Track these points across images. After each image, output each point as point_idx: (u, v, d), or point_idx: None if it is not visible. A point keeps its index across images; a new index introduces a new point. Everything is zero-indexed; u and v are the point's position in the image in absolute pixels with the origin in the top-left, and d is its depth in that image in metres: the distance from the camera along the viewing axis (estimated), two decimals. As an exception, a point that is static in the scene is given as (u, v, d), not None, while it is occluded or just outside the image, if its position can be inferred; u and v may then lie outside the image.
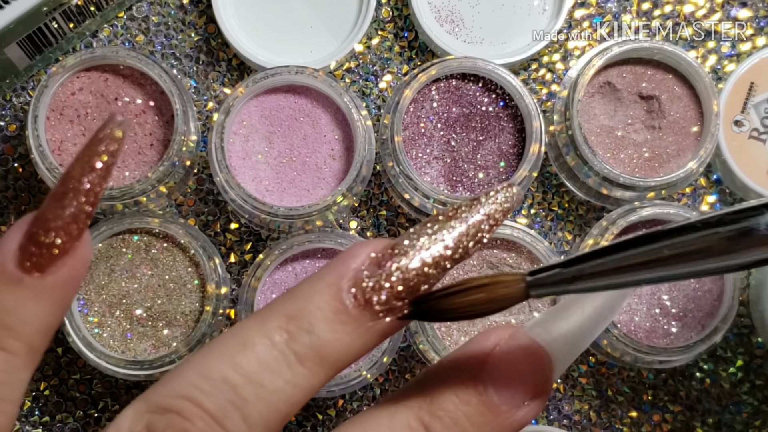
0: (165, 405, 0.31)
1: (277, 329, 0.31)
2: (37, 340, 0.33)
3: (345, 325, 0.32)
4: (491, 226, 0.33)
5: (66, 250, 0.32)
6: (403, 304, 0.32)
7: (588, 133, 0.54)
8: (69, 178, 0.32)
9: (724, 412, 0.56)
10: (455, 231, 0.32)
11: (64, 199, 0.32)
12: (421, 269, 0.32)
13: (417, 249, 0.32)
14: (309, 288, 0.32)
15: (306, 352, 0.31)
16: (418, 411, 0.32)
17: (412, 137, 0.53)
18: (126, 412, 0.31)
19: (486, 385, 0.32)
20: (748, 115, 0.56)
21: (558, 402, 0.56)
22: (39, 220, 0.32)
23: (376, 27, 0.57)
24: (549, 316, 0.34)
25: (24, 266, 0.32)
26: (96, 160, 0.32)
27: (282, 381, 0.31)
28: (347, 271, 0.32)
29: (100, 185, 0.32)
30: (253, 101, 0.53)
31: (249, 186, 0.52)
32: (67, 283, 0.33)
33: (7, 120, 0.56)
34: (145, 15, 0.57)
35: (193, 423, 0.30)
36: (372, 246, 0.33)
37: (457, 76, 0.54)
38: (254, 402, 0.31)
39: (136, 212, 0.53)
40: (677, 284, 0.53)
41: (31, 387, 0.55)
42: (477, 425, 0.32)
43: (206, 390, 0.31)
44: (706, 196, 0.57)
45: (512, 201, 0.33)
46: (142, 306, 0.52)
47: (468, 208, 0.33)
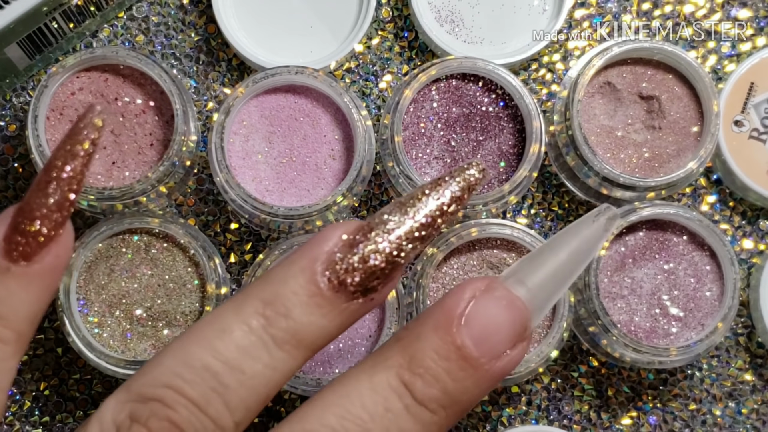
0: (147, 394, 0.31)
1: (254, 314, 0.32)
2: (26, 327, 0.33)
3: (320, 307, 0.32)
4: (458, 203, 0.33)
5: (50, 238, 0.33)
6: (377, 283, 0.33)
7: (588, 133, 0.54)
8: (51, 167, 0.33)
9: (724, 412, 0.56)
10: (425, 210, 0.33)
11: (47, 188, 0.33)
12: (393, 249, 0.32)
13: (388, 229, 0.33)
14: (283, 273, 0.33)
15: (283, 336, 0.32)
16: (398, 370, 0.32)
17: (412, 137, 0.53)
18: (108, 403, 0.32)
19: (464, 339, 0.32)
20: (748, 115, 0.56)
21: (558, 402, 0.56)
22: (23, 210, 0.33)
23: (376, 27, 0.57)
24: (523, 264, 0.35)
25: (11, 256, 0.33)
26: (78, 148, 0.33)
27: (261, 365, 0.32)
28: (320, 255, 0.33)
29: (82, 173, 0.33)
30: (253, 101, 0.53)
31: (249, 186, 0.52)
32: (52, 270, 0.33)
33: (7, 120, 0.56)
34: (145, 15, 0.57)
35: (176, 411, 0.31)
36: (343, 228, 0.33)
37: (457, 76, 0.54)
38: (235, 388, 0.31)
39: (136, 212, 0.53)
40: (677, 284, 0.53)
41: (31, 387, 0.55)
42: (458, 380, 0.32)
43: (188, 378, 0.31)
44: (706, 196, 0.57)
45: (478, 178, 0.34)
46: (142, 306, 0.52)
47: (436, 186, 0.33)
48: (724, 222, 0.57)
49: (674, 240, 0.53)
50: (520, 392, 0.56)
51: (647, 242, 0.53)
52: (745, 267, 0.57)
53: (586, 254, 0.35)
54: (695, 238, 0.53)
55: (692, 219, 0.52)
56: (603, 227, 0.35)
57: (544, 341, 0.52)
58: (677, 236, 0.53)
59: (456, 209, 0.33)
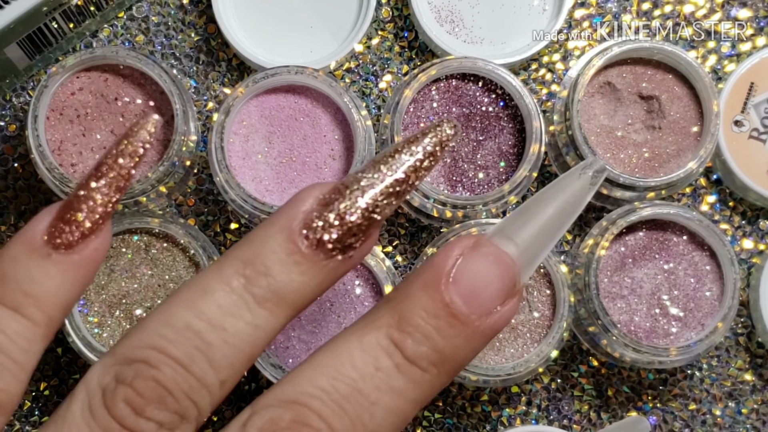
0: (132, 356, 0.32)
1: (235, 275, 0.32)
2: (57, 314, 0.34)
3: (299, 265, 0.33)
4: (432, 159, 0.34)
5: (92, 231, 0.34)
6: (355, 239, 0.33)
7: (588, 133, 0.54)
8: (102, 164, 0.34)
9: (724, 412, 0.56)
10: (399, 167, 0.33)
11: (97, 183, 0.34)
12: (369, 205, 0.33)
13: (363, 186, 0.33)
14: (262, 233, 0.33)
15: (264, 294, 0.32)
16: (387, 329, 0.33)
17: (412, 137, 0.53)
18: (94, 368, 0.33)
19: (452, 297, 0.33)
20: (748, 115, 0.56)
21: (558, 402, 0.56)
22: (71, 202, 0.34)
23: (376, 27, 0.57)
24: (510, 220, 0.35)
25: (54, 242, 0.34)
26: (131, 148, 0.34)
27: (243, 323, 0.32)
28: (297, 214, 0.33)
29: (130, 173, 0.34)
30: (253, 101, 0.53)
31: (249, 186, 0.52)
32: (90, 262, 0.34)
33: (7, 120, 0.56)
34: (145, 15, 0.57)
35: (160, 370, 0.31)
36: (319, 188, 0.34)
37: (457, 76, 0.54)
38: (218, 345, 0.32)
39: (136, 212, 0.53)
40: (677, 284, 0.53)
41: (31, 387, 0.55)
42: (448, 337, 0.32)
43: (171, 338, 0.32)
44: (706, 196, 0.57)
45: (450, 134, 0.34)
46: (142, 306, 0.52)
47: (409, 144, 0.34)
48: (724, 222, 0.57)
49: (674, 240, 0.53)
50: (520, 392, 0.56)
51: (647, 242, 0.53)
52: (745, 267, 0.57)
53: (574, 208, 0.35)
54: (695, 238, 0.53)
55: (692, 219, 0.52)
56: (590, 181, 0.35)
57: (544, 341, 0.52)
58: (677, 236, 0.53)
59: (430, 165, 0.34)
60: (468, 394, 0.56)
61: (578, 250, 0.54)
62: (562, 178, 0.35)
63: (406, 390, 0.32)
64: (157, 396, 0.31)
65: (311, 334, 0.52)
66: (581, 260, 0.53)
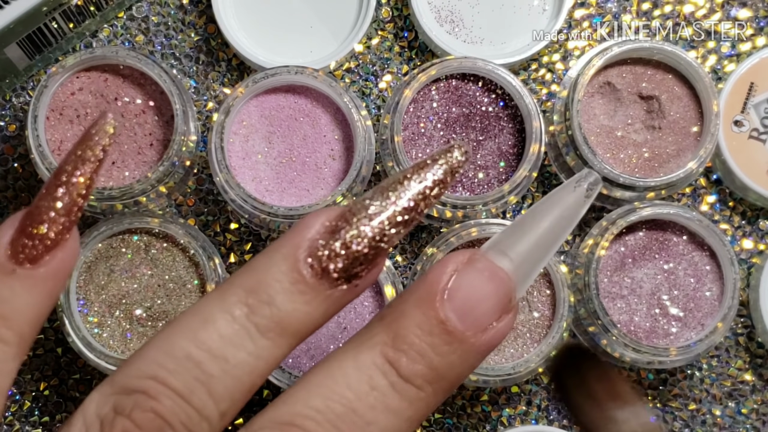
0: (131, 386, 0.31)
1: (237, 303, 0.32)
2: (28, 330, 0.33)
3: (304, 294, 0.32)
4: (441, 187, 0.33)
5: (57, 242, 0.33)
6: (360, 269, 0.32)
7: (588, 133, 0.54)
8: (61, 171, 0.33)
9: (724, 412, 0.56)
10: (407, 194, 0.33)
11: (56, 192, 0.33)
12: (376, 234, 0.32)
13: (370, 214, 0.32)
14: (266, 261, 0.32)
15: (267, 324, 0.32)
16: (382, 348, 0.32)
17: (411, 137, 0.53)
18: (92, 396, 0.32)
19: (447, 313, 0.32)
20: (748, 115, 0.56)
21: (558, 402, 0.56)
22: (31, 214, 0.33)
23: (376, 27, 0.57)
24: (505, 235, 0.34)
25: (17, 258, 0.33)
26: (88, 154, 0.33)
27: (245, 353, 0.31)
28: (302, 242, 0.32)
29: (92, 179, 0.33)
30: (253, 101, 0.53)
31: (249, 186, 0.52)
32: (57, 275, 0.33)
33: (7, 120, 0.56)
34: (145, 15, 0.57)
35: (159, 401, 0.31)
36: (325, 215, 0.33)
37: (457, 76, 0.54)
38: (219, 377, 0.31)
39: (136, 212, 0.53)
40: (677, 284, 0.53)
41: (31, 387, 0.55)
42: (443, 354, 0.32)
43: (171, 368, 0.31)
44: (706, 196, 0.57)
45: (460, 161, 0.33)
46: (141, 306, 0.52)
47: (418, 170, 0.33)
48: (724, 222, 0.57)
49: (674, 240, 0.53)
50: (520, 392, 0.56)
51: (647, 242, 0.53)
52: (745, 267, 0.57)
53: (569, 222, 0.34)
54: (695, 238, 0.53)
55: (692, 219, 0.52)
56: (585, 193, 0.34)
57: (544, 341, 0.52)
58: (677, 236, 0.53)
59: (439, 192, 0.33)
60: (468, 394, 0.56)
61: (578, 250, 0.54)
62: (557, 192, 0.35)
63: (401, 409, 0.32)
64: (155, 428, 0.30)
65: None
66: (581, 260, 0.53)
